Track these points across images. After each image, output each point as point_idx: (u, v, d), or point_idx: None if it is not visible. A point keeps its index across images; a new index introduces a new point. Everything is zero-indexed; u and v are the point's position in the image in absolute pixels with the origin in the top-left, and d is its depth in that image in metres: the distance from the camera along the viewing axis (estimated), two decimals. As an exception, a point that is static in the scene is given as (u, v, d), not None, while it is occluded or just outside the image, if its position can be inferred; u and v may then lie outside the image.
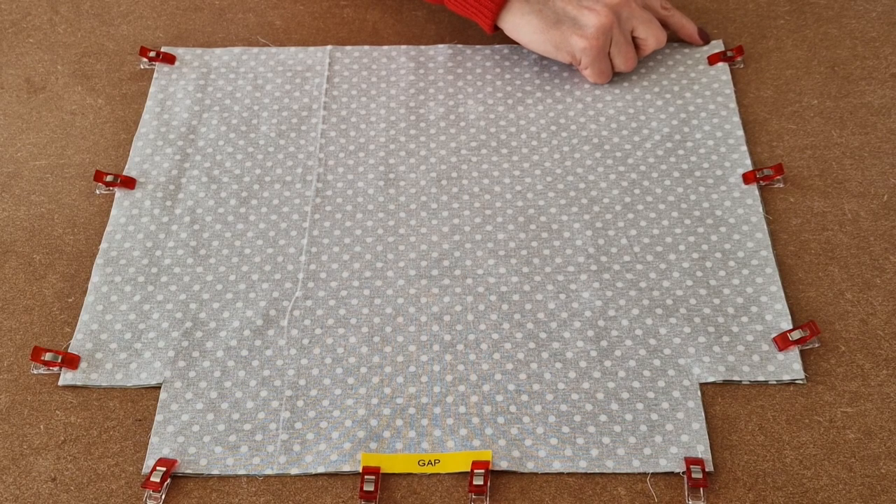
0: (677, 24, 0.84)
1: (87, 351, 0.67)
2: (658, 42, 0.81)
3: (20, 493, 0.61)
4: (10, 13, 0.93)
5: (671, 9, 0.84)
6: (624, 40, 0.79)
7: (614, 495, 0.60)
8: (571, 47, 0.78)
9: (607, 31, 0.78)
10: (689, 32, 0.84)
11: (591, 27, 0.77)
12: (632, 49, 0.80)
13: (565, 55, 0.79)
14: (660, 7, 0.83)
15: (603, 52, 0.79)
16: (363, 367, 0.66)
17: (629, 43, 0.80)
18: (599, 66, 0.79)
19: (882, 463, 0.60)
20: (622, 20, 0.79)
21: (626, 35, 0.79)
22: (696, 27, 0.85)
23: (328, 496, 0.60)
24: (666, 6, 0.84)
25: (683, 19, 0.84)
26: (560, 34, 0.78)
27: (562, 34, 0.78)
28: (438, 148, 0.79)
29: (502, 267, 0.71)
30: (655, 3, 0.83)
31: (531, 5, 0.78)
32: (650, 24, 0.80)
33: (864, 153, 0.78)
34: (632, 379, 0.65)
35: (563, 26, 0.78)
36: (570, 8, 0.78)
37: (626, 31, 0.79)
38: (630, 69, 0.81)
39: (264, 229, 0.74)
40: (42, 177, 0.78)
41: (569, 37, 0.78)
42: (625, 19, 0.79)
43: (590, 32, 0.77)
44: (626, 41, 0.79)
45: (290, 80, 0.85)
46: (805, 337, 0.65)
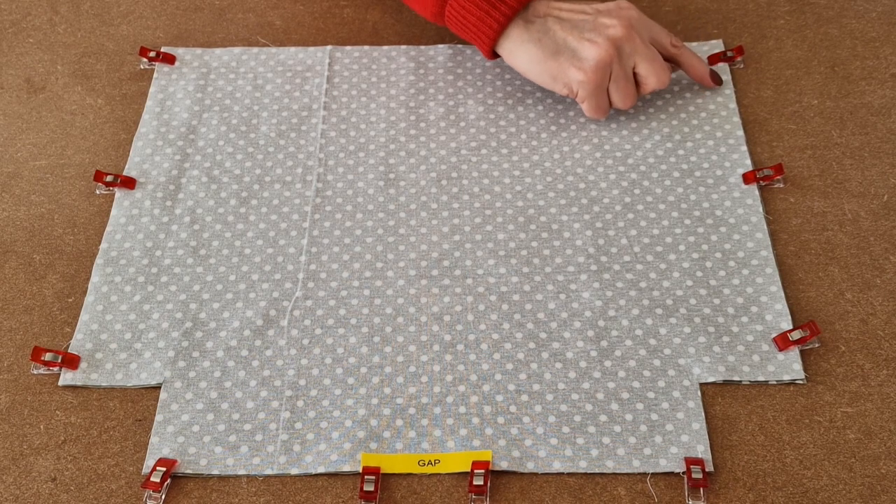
0: (687, 63, 0.80)
1: (87, 351, 0.67)
2: (660, 82, 0.77)
3: (20, 493, 0.61)
4: (10, 13, 0.93)
5: (681, 47, 0.80)
6: (624, 76, 0.75)
7: (614, 495, 0.60)
8: (569, 79, 0.75)
9: (606, 66, 0.74)
10: (700, 73, 0.80)
11: (589, 60, 0.74)
12: (631, 86, 0.76)
13: (562, 87, 0.76)
14: (669, 44, 0.79)
15: (601, 87, 0.75)
16: (363, 368, 0.66)
17: (629, 80, 0.76)
18: (596, 101, 0.76)
19: (882, 463, 0.60)
20: (623, 55, 0.75)
21: (627, 71, 0.76)
22: (707, 68, 0.81)
23: (328, 496, 0.60)
24: (676, 43, 0.79)
25: (694, 59, 0.80)
26: (558, 65, 0.75)
27: (559, 65, 0.75)
28: (438, 148, 0.79)
29: (502, 267, 0.71)
30: (664, 39, 0.79)
31: (531, 33, 0.75)
32: (653, 61, 0.76)
33: (865, 153, 0.78)
34: (632, 379, 0.65)
35: (561, 57, 0.75)
36: (571, 39, 0.75)
37: (627, 67, 0.75)
38: (628, 107, 0.77)
39: (264, 229, 0.74)
40: (42, 177, 0.78)
41: (567, 68, 0.75)
42: (627, 54, 0.75)
43: (588, 66, 0.74)
44: (625, 78, 0.76)
45: (290, 80, 0.85)
46: (805, 337, 0.65)
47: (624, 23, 0.75)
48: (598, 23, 0.75)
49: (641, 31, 0.76)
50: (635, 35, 0.75)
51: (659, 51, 0.78)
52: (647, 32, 0.77)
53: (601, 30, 0.74)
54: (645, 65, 0.75)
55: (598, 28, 0.74)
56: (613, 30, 0.74)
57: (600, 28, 0.74)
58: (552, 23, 0.75)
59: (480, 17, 0.75)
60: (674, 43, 0.79)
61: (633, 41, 0.75)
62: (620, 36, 0.74)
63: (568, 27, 0.75)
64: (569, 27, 0.75)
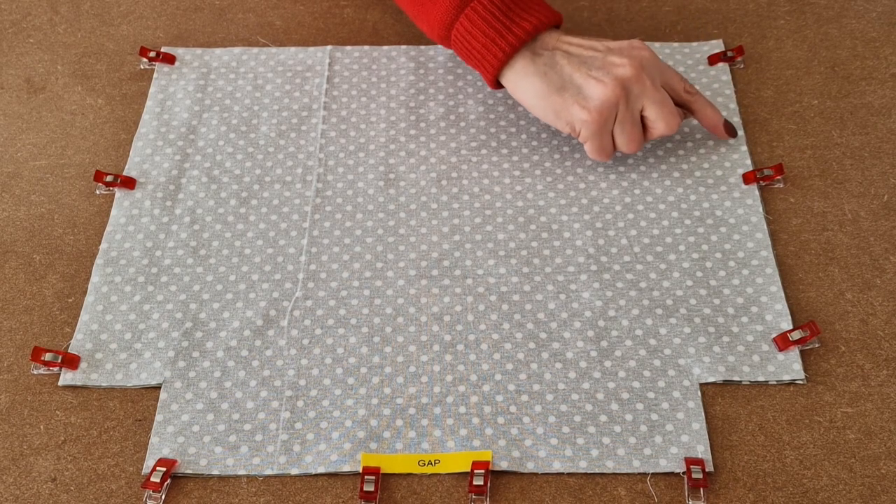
0: (701, 111, 0.75)
1: (87, 351, 0.67)
2: (668, 128, 0.72)
3: (20, 494, 0.61)
4: (10, 13, 0.93)
5: (696, 93, 0.75)
6: (630, 119, 0.71)
7: (614, 495, 0.60)
8: (571, 117, 0.71)
9: (612, 107, 0.70)
10: (713, 123, 0.76)
11: (594, 99, 0.70)
12: (637, 130, 0.72)
13: (564, 125, 0.72)
14: (682, 90, 0.74)
15: (604, 128, 0.71)
16: (363, 368, 0.66)
17: (635, 123, 0.72)
18: (600, 143, 0.72)
19: (882, 463, 0.60)
20: (631, 97, 0.71)
21: (634, 114, 0.72)
22: (722, 118, 0.76)
23: (328, 496, 0.60)
24: (690, 89, 0.75)
25: (708, 107, 0.76)
26: (562, 101, 0.71)
27: (563, 102, 0.71)
28: (438, 148, 0.79)
29: (502, 267, 0.71)
30: (677, 84, 0.74)
31: (536, 66, 0.72)
32: (662, 106, 0.72)
33: (865, 153, 0.78)
34: (632, 379, 0.65)
35: (566, 94, 0.71)
36: (578, 75, 0.71)
37: (635, 110, 0.71)
38: (633, 151, 0.73)
39: (264, 229, 0.74)
40: (42, 177, 0.78)
41: (570, 105, 0.71)
42: (634, 96, 0.71)
43: (592, 105, 0.70)
44: (631, 120, 0.72)
45: (290, 80, 0.85)
46: (805, 337, 0.65)
47: (634, 63, 0.71)
48: (607, 61, 0.71)
49: (653, 73, 0.72)
50: (645, 77, 0.71)
51: (671, 95, 0.74)
52: (658, 75, 0.73)
53: (609, 68, 0.71)
54: (653, 108, 0.72)
55: (606, 66, 0.71)
56: (622, 69, 0.70)
57: (609, 66, 0.71)
58: (560, 57, 0.72)
59: (486, 44, 0.72)
60: (687, 89, 0.75)
61: (643, 83, 0.71)
62: (629, 76, 0.70)
63: (576, 63, 0.71)
64: (577, 63, 0.71)
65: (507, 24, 0.71)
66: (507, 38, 0.72)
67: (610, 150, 0.73)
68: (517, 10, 0.72)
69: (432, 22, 0.74)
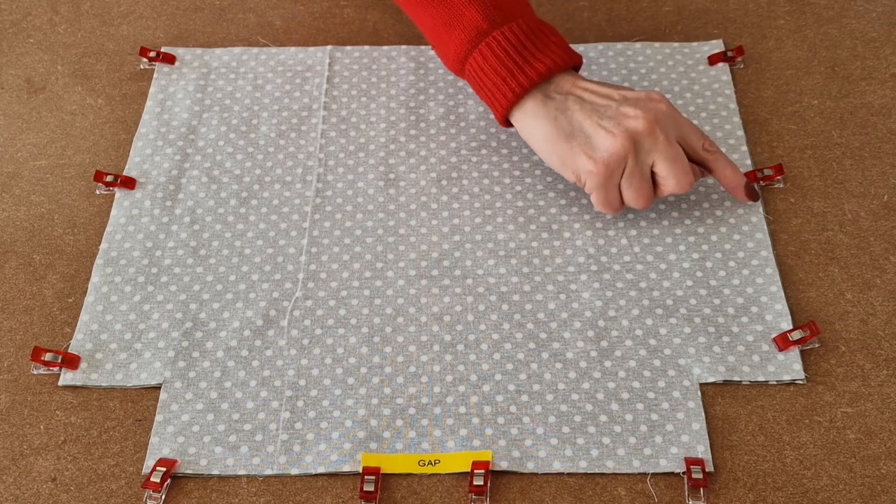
0: (720, 171, 0.71)
1: (87, 351, 0.67)
2: (679, 186, 0.68)
3: (20, 493, 0.61)
4: (10, 13, 0.93)
5: (716, 151, 0.71)
6: (639, 174, 0.68)
7: (614, 496, 0.60)
8: (577, 167, 0.68)
9: (619, 159, 0.67)
10: (733, 184, 0.71)
11: (601, 150, 0.67)
12: (647, 186, 0.68)
13: (570, 173, 0.69)
14: (701, 147, 0.70)
15: (611, 182, 0.68)
16: (363, 368, 0.66)
17: (645, 178, 0.68)
18: (605, 196, 0.69)
19: (882, 463, 0.60)
20: (641, 151, 0.67)
21: (643, 169, 0.68)
22: (743, 179, 0.71)
23: (328, 496, 0.60)
24: (709, 148, 0.70)
25: (728, 168, 0.71)
26: (569, 149, 0.68)
27: (570, 150, 0.68)
28: (438, 148, 0.79)
29: (502, 267, 0.71)
30: (696, 141, 0.70)
31: (547, 109, 0.69)
32: (675, 163, 0.68)
33: (865, 153, 0.78)
34: (632, 379, 0.65)
35: (574, 141, 0.68)
36: (588, 124, 0.68)
37: (644, 165, 0.68)
38: (642, 208, 0.70)
39: (264, 229, 0.74)
40: (42, 177, 0.78)
41: (577, 154, 0.68)
42: (645, 151, 0.67)
43: (599, 156, 0.67)
44: (641, 176, 0.68)
45: (290, 81, 0.85)
46: (805, 337, 0.65)
47: (648, 116, 0.67)
48: (620, 111, 0.68)
49: (668, 127, 0.68)
50: (658, 131, 0.67)
51: (688, 152, 0.70)
52: (674, 130, 0.69)
53: (621, 119, 0.67)
54: (664, 165, 0.68)
55: (618, 117, 0.67)
56: (634, 122, 0.67)
57: (620, 117, 0.67)
58: (572, 102, 0.69)
59: (497, 83, 0.69)
60: (707, 147, 0.70)
61: (655, 137, 0.67)
62: (640, 130, 0.67)
63: (588, 110, 0.68)
64: (589, 110, 0.68)
65: (521, 63, 0.69)
66: (518, 79, 0.69)
67: (617, 204, 0.70)
68: (532, 49, 0.69)
69: (448, 53, 0.72)
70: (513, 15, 0.70)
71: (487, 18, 0.69)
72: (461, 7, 0.70)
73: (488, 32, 0.69)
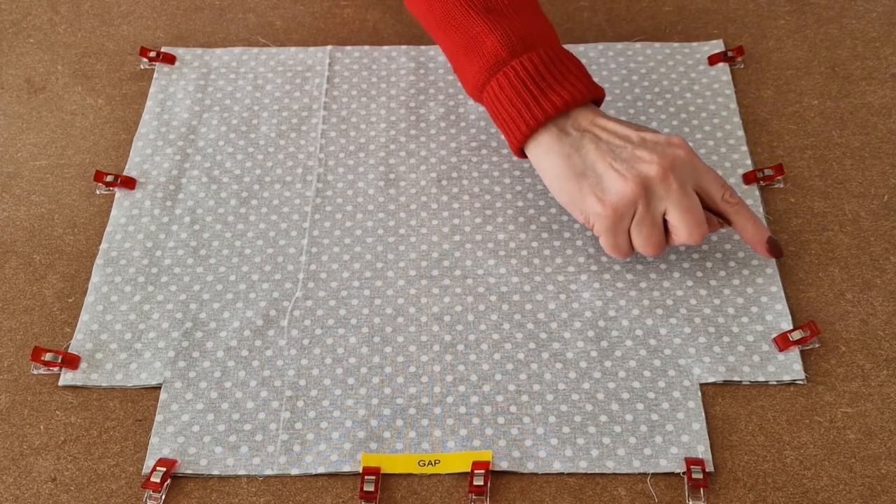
0: (740, 224, 0.67)
1: (88, 351, 0.67)
2: (691, 237, 0.65)
3: (20, 494, 0.61)
4: (10, 13, 0.93)
5: (737, 203, 0.66)
6: (650, 221, 0.64)
7: (615, 496, 0.60)
8: (586, 207, 0.65)
9: (629, 204, 0.64)
10: (754, 240, 0.67)
11: (611, 193, 0.64)
12: (657, 233, 0.65)
13: (579, 213, 0.66)
14: (720, 197, 0.66)
15: (619, 226, 0.65)
16: (363, 368, 0.66)
17: (655, 226, 0.65)
18: (614, 240, 0.66)
19: (882, 463, 0.60)
20: (653, 197, 0.64)
21: (655, 216, 0.64)
22: (765, 234, 0.67)
23: (328, 496, 0.60)
24: (730, 199, 0.66)
25: (749, 221, 0.67)
26: (578, 189, 0.65)
27: (580, 190, 0.65)
28: (439, 148, 0.79)
29: (503, 267, 0.71)
30: (715, 191, 0.66)
31: (562, 146, 0.66)
32: (688, 213, 0.64)
33: (865, 153, 0.78)
34: (632, 379, 0.65)
35: (584, 181, 0.65)
36: (600, 164, 0.65)
37: (656, 212, 0.64)
38: (651, 255, 0.66)
39: (264, 229, 0.74)
40: (42, 177, 0.78)
41: (586, 195, 0.65)
42: (657, 197, 0.64)
43: (608, 199, 0.64)
44: (651, 223, 0.65)
45: (291, 81, 0.85)
46: (805, 337, 0.65)
47: (663, 161, 0.64)
48: (635, 154, 0.65)
49: (684, 174, 0.65)
50: (672, 178, 0.64)
51: (707, 202, 0.66)
52: (692, 178, 0.65)
53: (634, 162, 0.64)
54: (676, 214, 0.64)
55: (632, 160, 0.64)
56: (647, 167, 0.64)
57: (634, 160, 0.64)
58: (588, 141, 0.65)
59: (512, 114, 0.67)
60: (727, 198, 0.66)
61: (668, 184, 0.64)
62: (653, 176, 0.64)
63: (603, 150, 0.65)
64: (604, 150, 0.65)
65: (538, 95, 0.66)
66: (533, 111, 0.66)
67: (625, 249, 0.66)
68: (551, 80, 0.66)
69: (467, 79, 0.70)
70: (534, 44, 0.67)
71: (507, 47, 0.67)
72: (482, 35, 0.68)
73: (507, 61, 0.67)
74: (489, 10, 0.69)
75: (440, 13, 0.70)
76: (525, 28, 0.68)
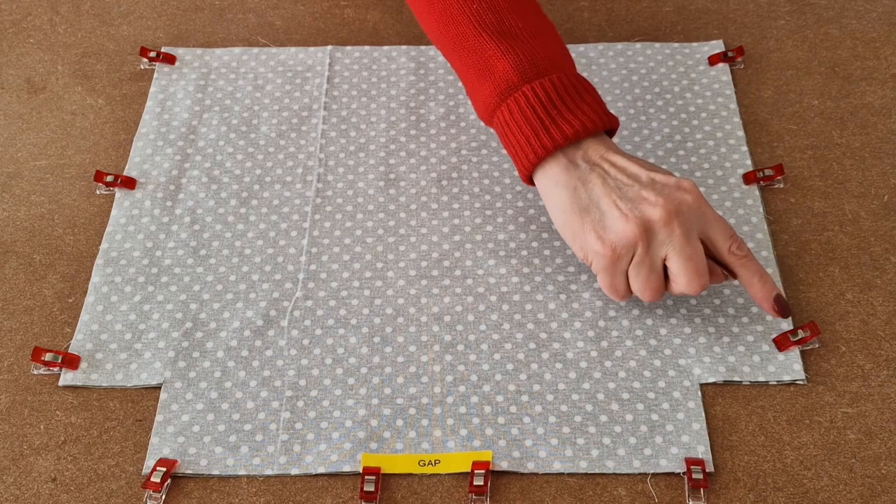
0: (746, 279, 0.64)
1: (88, 351, 0.67)
2: (690, 288, 0.62)
3: (20, 494, 0.61)
4: (10, 13, 0.93)
5: (744, 256, 0.64)
6: (648, 265, 0.62)
7: (615, 496, 0.60)
8: (585, 244, 0.64)
9: (628, 245, 0.62)
10: (760, 297, 0.64)
11: (612, 232, 0.62)
12: (656, 278, 0.63)
13: (578, 249, 0.65)
14: (726, 249, 0.63)
15: (616, 266, 0.63)
16: (363, 368, 0.66)
17: (654, 270, 0.63)
18: (611, 281, 0.64)
19: (882, 463, 0.60)
20: (654, 241, 0.62)
21: (655, 260, 0.62)
22: (773, 292, 0.64)
23: (328, 496, 0.60)
24: (738, 251, 0.63)
25: (756, 276, 0.64)
26: (580, 224, 0.63)
27: (582, 225, 0.63)
28: (439, 148, 0.79)
29: (503, 267, 0.71)
30: (722, 242, 0.63)
31: (569, 177, 0.64)
32: (689, 261, 0.62)
33: (865, 154, 0.78)
34: (632, 379, 0.65)
35: (586, 217, 0.63)
36: (605, 201, 0.63)
37: (656, 257, 0.62)
38: (649, 300, 0.64)
39: (264, 229, 0.74)
40: (42, 177, 0.78)
41: (587, 231, 0.63)
42: (658, 242, 0.62)
43: (608, 237, 0.62)
44: (650, 267, 0.62)
45: (291, 81, 0.85)
46: (805, 337, 0.65)
47: (668, 206, 0.62)
48: (641, 194, 0.62)
49: (689, 221, 0.62)
50: (676, 223, 0.61)
51: (712, 252, 0.64)
52: (698, 225, 0.63)
53: (639, 203, 0.62)
54: (677, 261, 0.62)
55: (637, 200, 0.62)
56: (651, 209, 0.62)
57: (639, 201, 0.62)
58: (596, 175, 0.64)
59: (521, 141, 0.65)
60: (734, 250, 0.63)
61: (671, 230, 0.61)
62: (656, 219, 0.61)
63: (609, 186, 0.63)
64: (611, 186, 0.63)
65: (548, 122, 0.64)
66: (542, 139, 0.64)
67: (622, 290, 0.65)
68: (563, 108, 0.65)
69: (478, 102, 0.68)
70: (547, 70, 0.66)
71: (519, 72, 0.65)
72: (494, 59, 0.66)
73: (518, 87, 0.65)
74: (502, 34, 0.67)
75: (453, 34, 0.69)
76: (539, 53, 0.66)
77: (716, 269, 0.65)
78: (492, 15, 0.67)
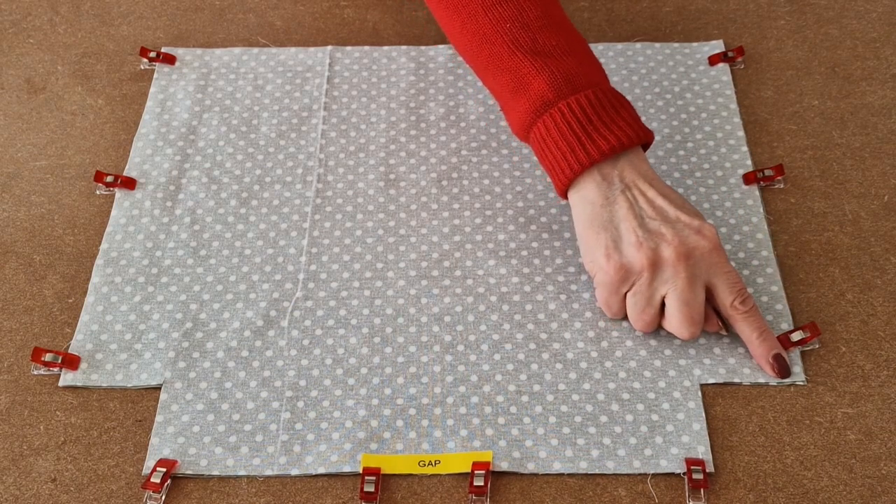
0: (747, 335, 0.64)
1: (88, 352, 0.67)
2: (680, 331, 0.64)
3: (20, 494, 0.61)
4: (10, 13, 0.93)
5: (746, 311, 0.64)
6: (646, 297, 0.64)
7: (615, 496, 0.60)
8: (594, 258, 0.65)
9: (633, 272, 0.63)
10: (759, 353, 0.64)
11: (622, 255, 0.64)
12: (651, 312, 0.64)
13: (588, 262, 0.66)
14: (729, 303, 0.64)
15: (616, 288, 0.65)
16: (364, 368, 0.66)
17: (651, 304, 0.64)
18: (607, 297, 0.66)
19: (882, 464, 0.60)
20: (659, 276, 0.63)
21: (654, 295, 0.64)
22: (772, 350, 0.64)
23: (328, 497, 0.60)
24: (740, 307, 0.64)
25: (756, 332, 0.64)
26: (595, 240, 0.65)
27: (596, 241, 0.65)
28: (439, 148, 0.79)
29: (503, 268, 0.71)
30: (726, 296, 0.64)
31: (598, 193, 0.65)
32: (686, 306, 0.63)
33: (865, 154, 0.78)
34: (632, 380, 0.65)
35: (602, 234, 0.64)
36: (625, 225, 0.64)
37: (656, 291, 0.64)
38: (641, 330, 0.66)
39: (264, 230, 0.74)
40: (42, 177, 0.78)
41: (599, 247, 0.64)
42: (662, 279, 0.63)
43: (615, 258, 0.64)
44: (647, 300, 0.64)
45: (291, 81, 0.85)
46: (806, 338, 0.65)
47: (681, 248, 0.63)
48: (660, 230, 0.64)
49: (698, 267, 0.63)
50: (683, 267, 0.63)
51: (714, 302, 0.65)
52: (706, 273, 0.64)
53: (655, 237, 0.63)
54: (674, 303, 0.63)
55: (654, 233, 0.64)
56: (665, 246, 0.63)
57: (656, 235, 0.63)
58: (624, 199, 0.65)
59: (557, 157, 0.66)
60: (736, 304, 0.64)
61: (677, 271, 0.63)
62: (665, 257, 0.63)
63: (634, 213, 0.64)
64: (635, 213, 0.64)
65: (584, 138, 0.65)
66: (578, 155, 0.65)
67: (616, 310, 0.66)
68: (598, 123, 0.65)
69: (513, 120, 0.69)
70: (582, 86, 0.66)
71: (554, 89, 0.66)
72: (529, 77, 0.66)
73: (554, 103, 0.66)
74: (536, 52, 0.67)
75: (487, 55, 0.69)
76: (573, 70, 0.66)
77: (712, 318, 0.65)
78: (525, 34, 0.67)
